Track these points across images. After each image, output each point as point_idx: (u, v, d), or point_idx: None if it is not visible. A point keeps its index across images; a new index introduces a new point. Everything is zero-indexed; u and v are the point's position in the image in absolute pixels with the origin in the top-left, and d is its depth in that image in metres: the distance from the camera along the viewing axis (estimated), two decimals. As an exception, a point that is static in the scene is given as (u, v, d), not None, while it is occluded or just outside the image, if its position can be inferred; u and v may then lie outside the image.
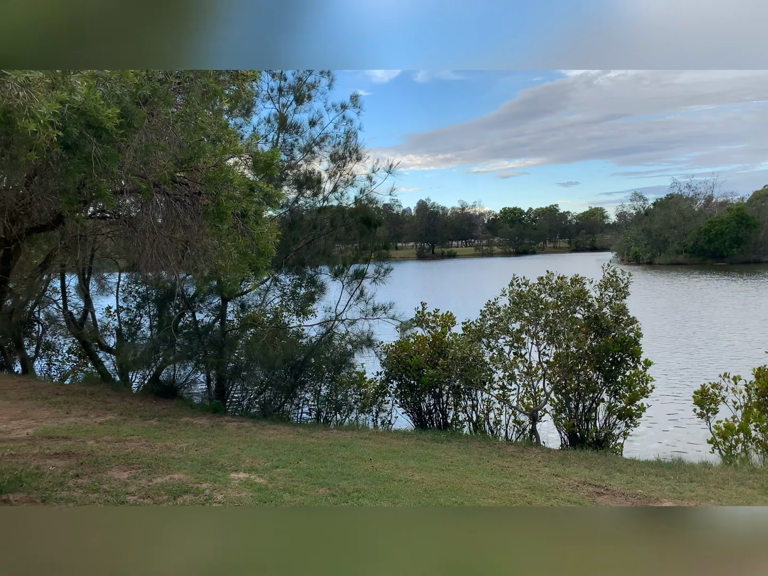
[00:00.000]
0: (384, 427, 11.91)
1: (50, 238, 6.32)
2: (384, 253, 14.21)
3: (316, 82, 13.66)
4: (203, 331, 13.28)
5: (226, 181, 5.01)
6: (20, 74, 3.52)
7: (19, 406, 10.20)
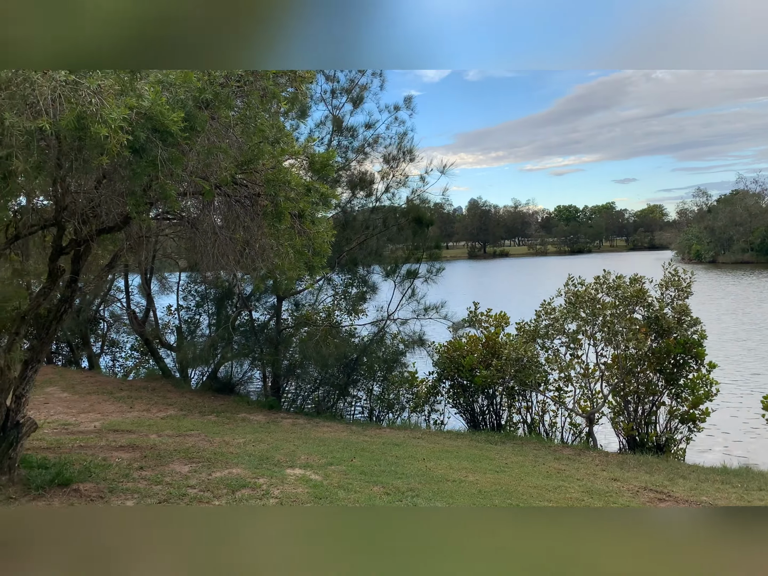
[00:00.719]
0: (436, 427, 11.87)
1: (116, 239, 6.58)
2: (435, 252, 14.18)
3: (368, 84, 13.76)
4: (259, 330, 13.57)
5: (284, 182, 5.10)
6: (93, 81, 3.68)
7: (86, 400, 10.69)
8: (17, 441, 5.05)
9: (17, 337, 5.08)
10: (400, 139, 13.55)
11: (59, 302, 5.35)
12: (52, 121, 3.52)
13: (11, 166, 3.66)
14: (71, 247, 5.18)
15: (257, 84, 4.76)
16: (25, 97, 3.64)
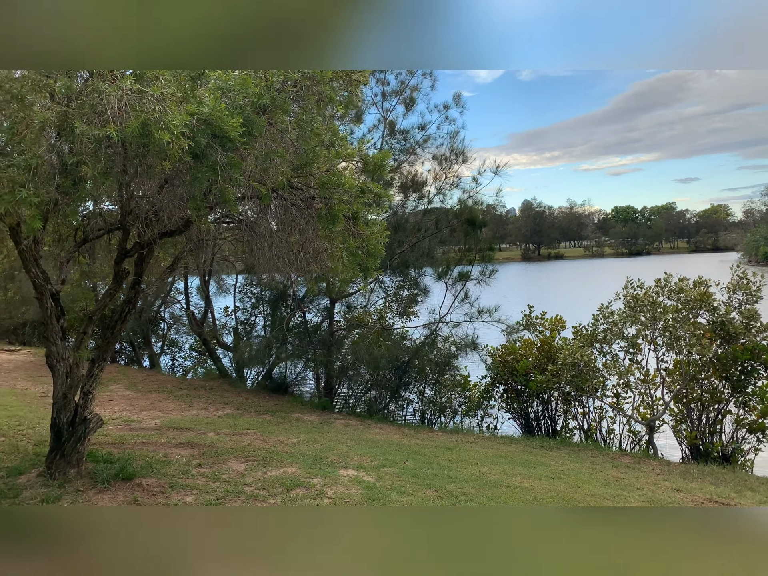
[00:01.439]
0: (489, 431, 11.71)
1: (177, 242, 6.80)
2: (488, 254, 14.00)
3: (419, 85, 13.75)
4: (312, 331, 13.75)
5: (338, 185, 5.14)
6: (156, 89, 3.81)
7: (147, 398, 11.08)
8: (85, 436, 5.28)
9: (85, 336, 5.31)
10: (452, 139, 13.47)
11: (123, 303, 5.56)
12: (118, 129, 3.66)
13: (81, 172, 3.82)
14: (135, 250, 5.38)
15: (313, 89, 4.82)
16: (93, 106, 3.80)
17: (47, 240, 5.76)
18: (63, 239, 5.76)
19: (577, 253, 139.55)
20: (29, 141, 3.83)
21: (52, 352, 5.15)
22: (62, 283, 5.26)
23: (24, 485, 4.94)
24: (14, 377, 12.23)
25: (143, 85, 3.88)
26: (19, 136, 3.83)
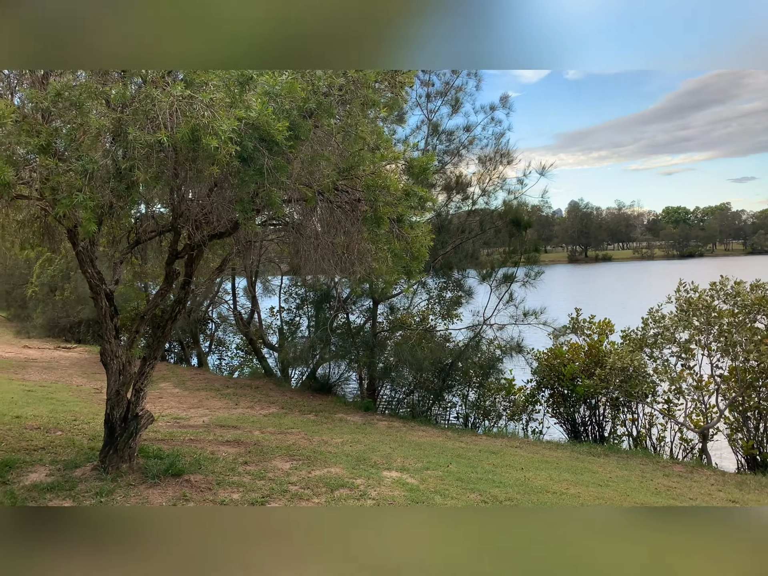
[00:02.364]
0: (535, 436, 11.51)
1: (225, 243, 6.94)
2: (534, 256, 13.78)
3: (463, 85, 13.65)
4: (355, 332, 13.81)
5: (384, 187, 5.15)
6: (206, 95, 3.90)
7: (196, 396, 11.35)
8: (136, 432, 5.45)
9: (137, 335, 5.48)
10: (497, 140, 13.33)
11: (174, 303, 5.71)
12: (169, 134, 3.76)
13: (134, 176, 3.94)
14: (186, 252, 5.52)
15: (358, 92, 4.85)
16: (146, 113, 3.91)
17: (102, 242, 5.97)
18: (117, 241, 5.96)
19: (626, 255, 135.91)
20: (86, 146, 3.98)
21: (106, 350, 5.33)
22: (116, 283, 5.44)
23: (79, 478, 5.12)
24: (70, 374, 12.73)
25: (193, 91, 3.98)
26: (76, 142, 3.98)
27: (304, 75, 4.48)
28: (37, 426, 7.11)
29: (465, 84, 13.35)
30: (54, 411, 8.19)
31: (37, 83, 4.43)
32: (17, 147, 3.80)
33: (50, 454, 5.89)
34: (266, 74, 4.27)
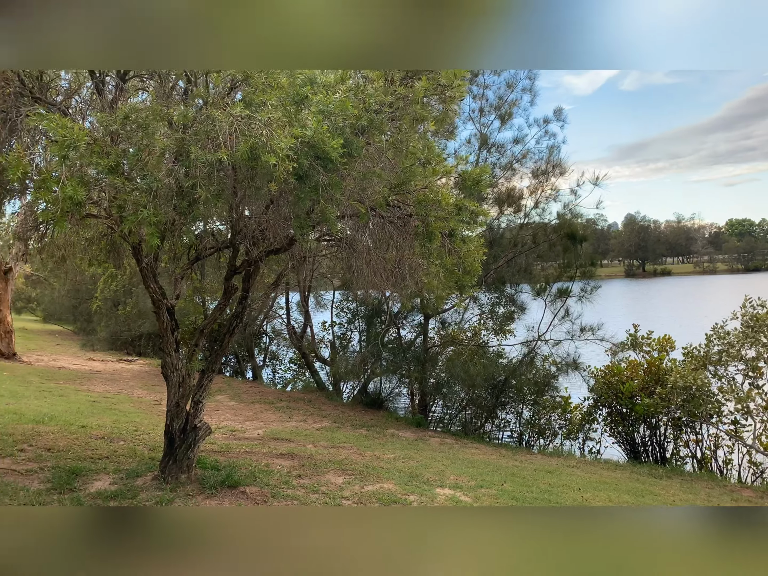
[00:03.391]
0: (592, 456, 11.15)
1: (280, 259, 7.09)
2: (589, 270, 13.47)
3: (517, 100, 13.58)
4: (406, 347, 13.79)
5: (435, 202, 5.16)
6: (264, 115, 4.02)
7: (251, 409, 11.56)
8: (195, 443, 5.58)
9: (196, 349, 5.63)
10: (550, 152, 13.18)
11: (231, 317, 5.85)
12: (229, 153, 3.88)
13: (196, 194, 4.09)
14: (243, 267, 5.66)
15: (408, 108, 4.89)
16: (207, 133, 4.06)
17: (164, 258, 6.20)
18: (178, 257, 6.17)
19: (686, 269, 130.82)
20: (151, 166, 4.15)
21: (167, 363, 5.51)
22: (177, 298, 5.62)
23: (141, 487, 5.28)
24: (131, 385, 13.20)
25: (252, 111, 4.10)
26: (142, 162, 4.16)
27: (356, 93, 4.56)
28: (101, 435, 7.39)
29: (519, 99, 13.30)
30: (117, 421, 8.50)
31: (107, 107, 4.67)
32: (88, 168, 4.00)
33: (113, 463, 6.10)
34: (320, 93, 4.37)
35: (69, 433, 7.28)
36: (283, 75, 4.41)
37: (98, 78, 4.90)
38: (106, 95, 4.93)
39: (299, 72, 4.43)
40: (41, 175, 3.78)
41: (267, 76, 4.38)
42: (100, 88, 4.93)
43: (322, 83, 4.51)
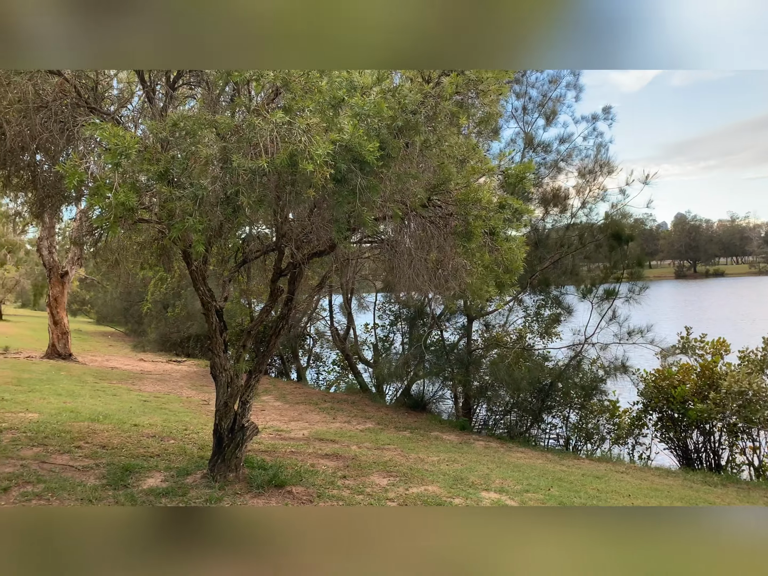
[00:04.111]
0: (642, 462, 10.85)
1: (323, 261, 7.17)
2: (638, 271, 13.12)
3: (561, 96, 13.37)
4: (450, 349, 13.72)
5: (476, 200, 5.12)
6: (303, 121, 4.07)
7: (295, 409, 11.71)
8: (242, 442, 5.69)
9: (243, 350, 5.74)
10: (597, 150, 12.91)
11: (277, 319, 5.95)
12: (269, 160, 3.95)
13: (239, 201, 4.17)
14: (288, 270, 5.75)
15: (440, 106, 4.87)
16: (249, 140, 4.14)
17: (212, 261, 6.35)
18: (225, 260, 6.31)
19: (741, 269, 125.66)
20: (197, 174, 4.26)
21: (216, 363, 5.63)
22: (225, 300, 5.75)
23: (190, 485, 5.42)
24: (180, 386, 13.56)
25: (291, 117, 4.16)
26: (189, 169, 4.27)
27: (393, 94, 4.57)
28: (152, 434, 7.62)
29: (563, 95, 13.09)
30: (167, 420, 8.74)
31: (157, 115, 4.83)
32: (139, 175, 4.14)
33: (164, 461, 6.28)
34: (356, 95, 4.40)
35: (122, 431, 7.53)
36: (322, 79, 4.46)
37: (149, 86, 5.07)
38: (156, 103, 5.09)
39: (337, 75, 4.48)
40: (95, 183, 3.93)
41: (306, 81, 4.44)
42: (151, 96, 5.09)
43: (359, 85, 4.54)
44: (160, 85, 5.24)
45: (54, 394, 9.94)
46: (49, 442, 6.51)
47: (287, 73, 4.28)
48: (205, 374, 15.33)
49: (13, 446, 6.17)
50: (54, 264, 15.77)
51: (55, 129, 4.67)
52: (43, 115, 4.61)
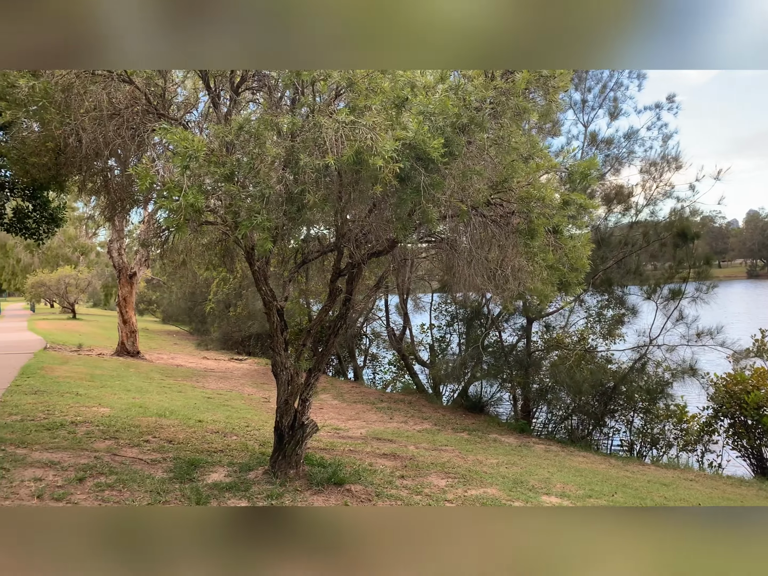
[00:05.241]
0: (712, 470, 10.36)
1: (380, 262, 7.19)
2: (705, 270, 12.56)
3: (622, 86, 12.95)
4: (508, 351, 13.51)
5: (539, 198, 5.02)
6: (368, 119, 4.09)
7: (353, 408, 11.80)
8: (303, 440, 5.77)
9: (303, 348, 5.82)
10: (664, 142, 12.42)
11: (336, 318, 6.00)
12: (335, 158, 3.98)
13: (304, 199, 4.23)
14: (347, 270, 5.79)
15: (509, 103, 4.79)
16: (314, 139, 4.19)
17: (273, 262, 6.47)
18: (285, 261, 6.42)
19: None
20: (263, 174, 4.35)
21: (277, 361, 5.74)
22: (285, 299, 5.84)
23: (252, 481, 5.53)
24: (242, 383, 13.90)
25: (356, 116, 4.19)
26: (255, 170, 4.37)
27: (456, 91, 4.53)
28: (216, 430, 7.83)
29: (625, 86, 12.68)
30: (229, 417, 8.97)
31: (222, 119, 4.96)
32: (206, 177, 4.26)
33: (227, 456, 6.44)
34: (420, 94, 4.39)
35: (187, 427, 7.77)
36: (386, 79, 4.46)
37: (214, 92, 5.21)
38: (221, 108, 5.23)
39: (400, 74, 4.47)
40: (164, 185, 4.06)
41: (370, 81, 4.46)
42: (216, 101, 5.23)
43: (422, 84, 4.52)
44: (224, 90, 5.38)
45: (124, 389, 10.37)
46: (120, 435, 6.79)
47: (352, 73, 4.31)
48: (265, 372, 15.67)
49: (88, 439, 6.47)
50: (123, 265, 16.47)
51: (127, 135, 4.87)
52: (116, 122, 4.81)
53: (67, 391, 9.27)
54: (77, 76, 4.60)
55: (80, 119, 4.67)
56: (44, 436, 6.35)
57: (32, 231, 7.85)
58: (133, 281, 16.66)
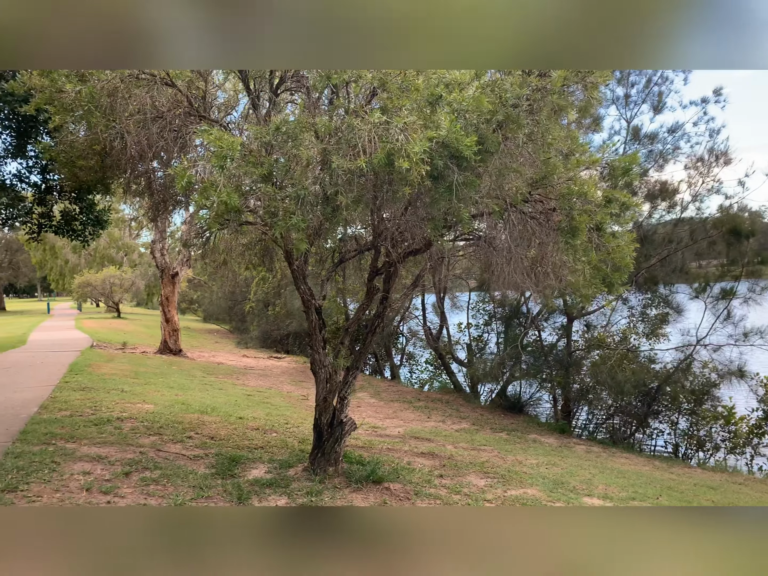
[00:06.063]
0: (763, 474, 10.00)
1: (417, 260, 7.17)
2: (758, 268, 12.11)
3: (667, 79, 12.59)
4: (548, 350, 13.31)
5: (581, 194, 4.91)
6: (400, 120, 4.07)
7: (390, 407, 11.81)
8: (341, 437, 5.81)
9: (342, 347, 5.86)
10: (711, 136, 12.03)
11: (374, 317, 6.01)
12: (367, 160, 3.98)
13: (338, 201, 4.25)
14: (384, 269, 5.79)
15: (546, 99, 4.71)
16: (348, 141, 4.21)
17: (311, 261, 6.53)
18: (323, 260, 6.47)
19: None
20: (298, 175, 4.39)
21: (316, 359, 5.79)
22: (323, 298, 5.89)
23: (292, 477, 5.60)
24: (281, 381, 14.07)
25: (389, 117, 4.18)
26: (291, 171, 4.41)
27: (492, 88, 4.48)
28: (256, 427, 7.95)
29: (670, 82, 12.33)
30: (269, 414, 9.10)
31: (261, 121, 5.02)
32: (244, 178, 4.32)
33: (267, 453, 6.53)
34: (454, 92, 4.35)
35: (228, 424, 7.92)
36: (418, 77, 4.44)
37: (254, 93, 5.29)
38: (260, 109, 5.30)
39: (433, 72, 4.44)
40: (203, 184, 4.14)
41: (403, 80, 4.44)
42: (256, 103, 5.31)
43: (457, 82, 4.48)
44: (263, 91, 5.45)
45: (167, 386, 10.63)
46: (164, 431, 6.96)
47: (384, 73, 4.31)
48: (303, 370, 15.83)
49: (133, 434, 6.65)
50: (166, 265, 16.88)
51: (169, 137, 4.98)
52: (159, 125, 4.93)
53: (113, 387, 9.55)
54: (122, 81, 4.73)
55: (125, 122, 4.81)
56: (92, 431, 6.56)
57: (79, 233, 8.12)
58: (175, 281, 17.06)
